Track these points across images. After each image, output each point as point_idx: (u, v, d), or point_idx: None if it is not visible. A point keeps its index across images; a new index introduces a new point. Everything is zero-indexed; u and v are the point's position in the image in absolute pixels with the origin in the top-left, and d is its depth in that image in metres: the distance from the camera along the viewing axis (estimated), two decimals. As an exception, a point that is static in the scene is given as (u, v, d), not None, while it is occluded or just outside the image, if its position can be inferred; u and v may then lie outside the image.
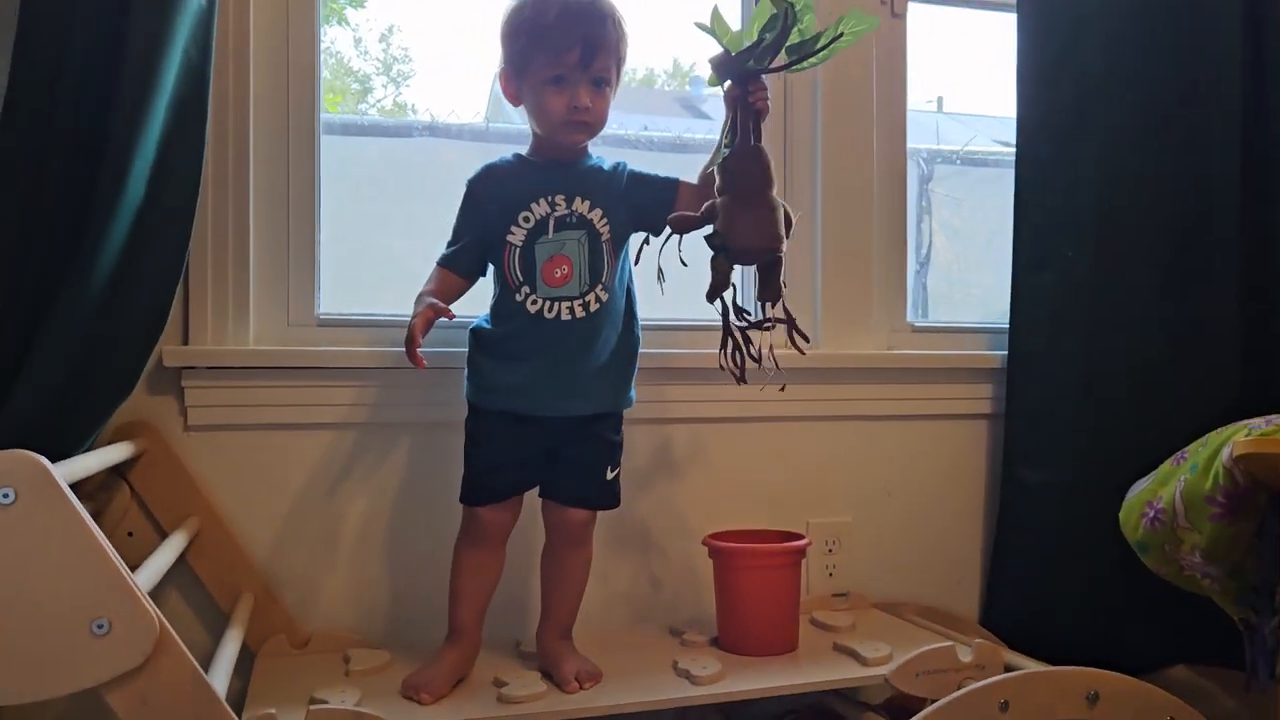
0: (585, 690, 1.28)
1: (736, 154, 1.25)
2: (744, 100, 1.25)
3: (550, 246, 1.33)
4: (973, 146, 2.13)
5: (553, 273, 1.32)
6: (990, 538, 1.78)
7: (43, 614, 0.89)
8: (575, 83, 1.30)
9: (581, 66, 1.30)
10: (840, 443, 1.73)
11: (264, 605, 1.43)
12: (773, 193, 1.25)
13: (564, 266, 1.33)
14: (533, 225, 1.34)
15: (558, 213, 1.34)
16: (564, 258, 1.33)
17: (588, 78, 1.31)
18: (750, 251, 1.24)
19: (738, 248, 1.23)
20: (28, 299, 1.20)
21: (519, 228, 1.34)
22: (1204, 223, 1.70)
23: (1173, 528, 1.42)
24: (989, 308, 1.88)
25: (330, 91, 1.74)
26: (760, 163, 1.25)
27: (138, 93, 1.20)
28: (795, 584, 1.46)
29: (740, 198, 1.24)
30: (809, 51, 1.24)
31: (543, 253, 1.33)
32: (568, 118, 1.31)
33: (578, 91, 1.30)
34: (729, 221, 1.24)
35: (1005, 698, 1.24)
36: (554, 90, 1.31)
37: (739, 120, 1.25)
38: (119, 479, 1.39)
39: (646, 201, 1.38)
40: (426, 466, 1.51)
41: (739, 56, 1.24)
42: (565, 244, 1.33)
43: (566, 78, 1.30)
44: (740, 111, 1.25)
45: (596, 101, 1.32)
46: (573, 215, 1.34)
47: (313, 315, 1.54)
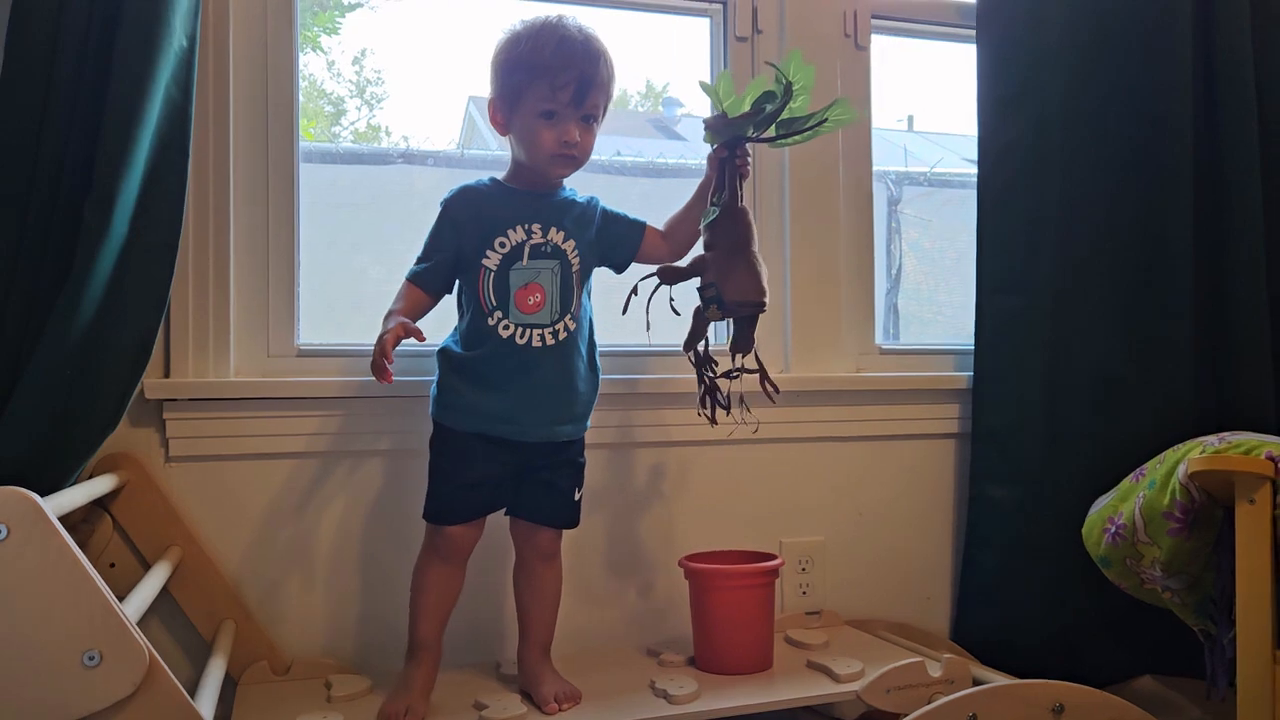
0: (564, 711, 1.31)
1: (726, 213, 1.35)
2: (731, 163, 1.36)
3: (525, 274, 1.36)
4: (940, 169, 2.18)
5: (526, 299, 1.35)
6: (959, 555, 1.82)
7: (35, 646, 0.90)
8: (566, 119, 1.34)
9: (574, 104, 1.34)
10: (812, 464, 1.77)
11: (245, 633, 1.45)
12: (757, 249, 1.36)
13: (537, 294, 1.36)
14: (508, 251, 1.36)
15: (533, 241, 1.37)
16: (538, 286, 1.36)
17: (578, 115, 1.35)
18: (743, 305, 1.33)
19: (731, 300, 1.33)
20: (14, 335, 1.22)
21: (494, 252, 1.36)
22: (1159, 249, 1.76)
23: (1133, 542, 1.46)
24: (959, 326, 1.92)
25: (303, 115, 1.77)
26: (745, 221, 1.36)
27: (122, 133, 1.22)
28: (769, 603, 1.49)
29: (732, 254, 1.34)
30: (795, 130, 1.36)
31: (517, 279, 1.36)
32: (557, 151, 1.35)
33: (568, 127, 1.34)
34: (722, 275, 1.33)
35: (973, 711, 1.27)
36: (545, 124, 1.34)
37: (727, 182, 1.36)
38: (101, 510, 1.41)
39: (615, 239, 1.45)
40: (407, 491, 1.52)
41: (735, 122, 1.34)
42: (540, 273, 1.36)
43: (558, 114, 1.34)
44: (727, 173, 1.36)
45: (585, 137, 1.36)
46: (547, 245, 1.37)
47: (292, 346, 1.56)
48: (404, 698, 1.30)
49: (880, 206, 1.94)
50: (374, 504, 1.52)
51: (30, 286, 1.23)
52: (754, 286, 1.33)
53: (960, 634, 1.79)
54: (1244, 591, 1.30)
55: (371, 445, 1.51)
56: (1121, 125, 1.75)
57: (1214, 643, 1.44)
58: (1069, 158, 1.74)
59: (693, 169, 1.90)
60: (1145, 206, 1.76)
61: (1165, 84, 1.76)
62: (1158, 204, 1.76)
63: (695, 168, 1.87)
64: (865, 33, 1.85)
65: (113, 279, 1.23)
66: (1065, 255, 1.74)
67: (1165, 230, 1.76)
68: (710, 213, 1.37)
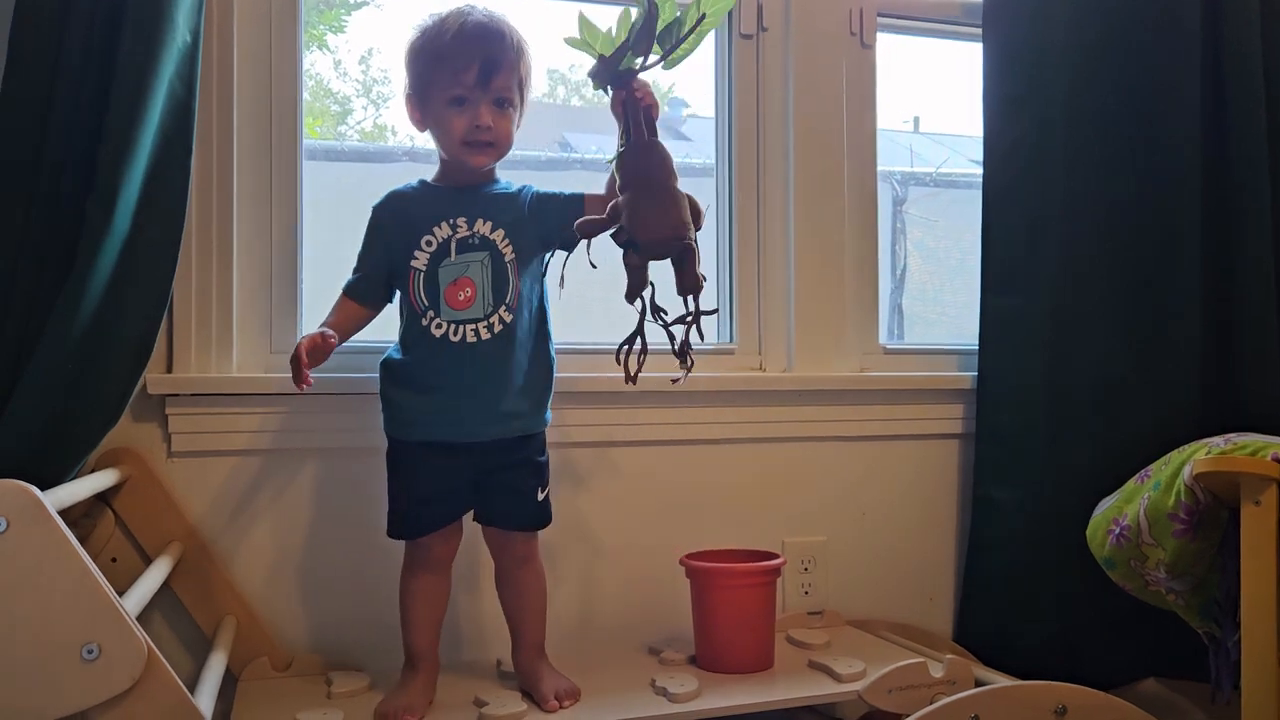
0: (565, 708, 1.30)
1: (632, 149, 1.24)
2: (630, 100, 1.25)
3: (454, 269, 1.34)
4: (946, 169, 2.17)
5: (456, 295, 1.33)
6: (962, 555, 1.82)
7: (35, 639, 0.91)
8: (476, 102, 1.32)
9: (481, 85, 1.31)
10: (815, 463, 1.76)
11: (246, 628, 1.45)
12: (676, 183, 1.24)
13: (467, 289, 1.33)
14: (435, 249, 1.34)
15: (459, 235, 1.35)
16: (467, 280, 1.33)
17: (488, 97, 1.32)
18: (657, 243, 1.21)
19: (644, 240, 1.20)
20: (17, 329, 1.22)
21: (422, 252, 1.35)
22: (1166, 247, 1.75)
23: (1138, 544, 1.45)
24: (963, 327, 1.91)
25: (310, 114, 1.77)
26: (657, 154, 1.24)
27: (125, 127, 1.22)
28: (770, 602, 1.48)
29: (642, 191, 1.22)
30: (678, 40, 1.24)
31: (446, 276, 1.34)
32: (469, 138, 1.33)
33: (478, 111, 1.32)
34: (633, 216, 1.21)
35: (975, 712, 1.27)
36: (455, 111, 1.32)
37: (630, 121, 1.26)
38: (103, 505, 1.41)
39: (554, 220, 1.37)
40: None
41: (613, 58, 1.24)
42: (469, 266, 1.34)
43: (467, 98, 1.32)
44: (629, 112, 1.26)
45: (499, 121, 1.34)
46: (474, 237, 1.34)
47: (295, 342, 1.54)
48: (404, 698, 1.29)
49: (885, 206, 1.94)
50: (377, 501, 1.51)
51: (33, 282, 1.23)
52: (667, 221, 1.20)
53: (963, 635, 1.79)
54: (1249, 593, 1.29)
55: (373, 442, 1.50)
56: (1127, 124, 1.75)
57: (1219, 645, 1.43)
58: (1073, 156, 1.74)
59: (699, 168, 1.90)
60: (1151, 205, 1.75)
61: (1172, 82, 1.75)
62: (1164, 203, 1.75)
63: (702, 167, 1.87)
64: (871, 30, 1.84)
65: (115, 275, 1.23)
66: (1069, 255, 1.73)
67: (1171, 229, 1.75)
68: (616, 155, 1.27)
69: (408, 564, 1.37)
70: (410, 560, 1.36)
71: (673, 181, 1.23)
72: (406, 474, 1.36)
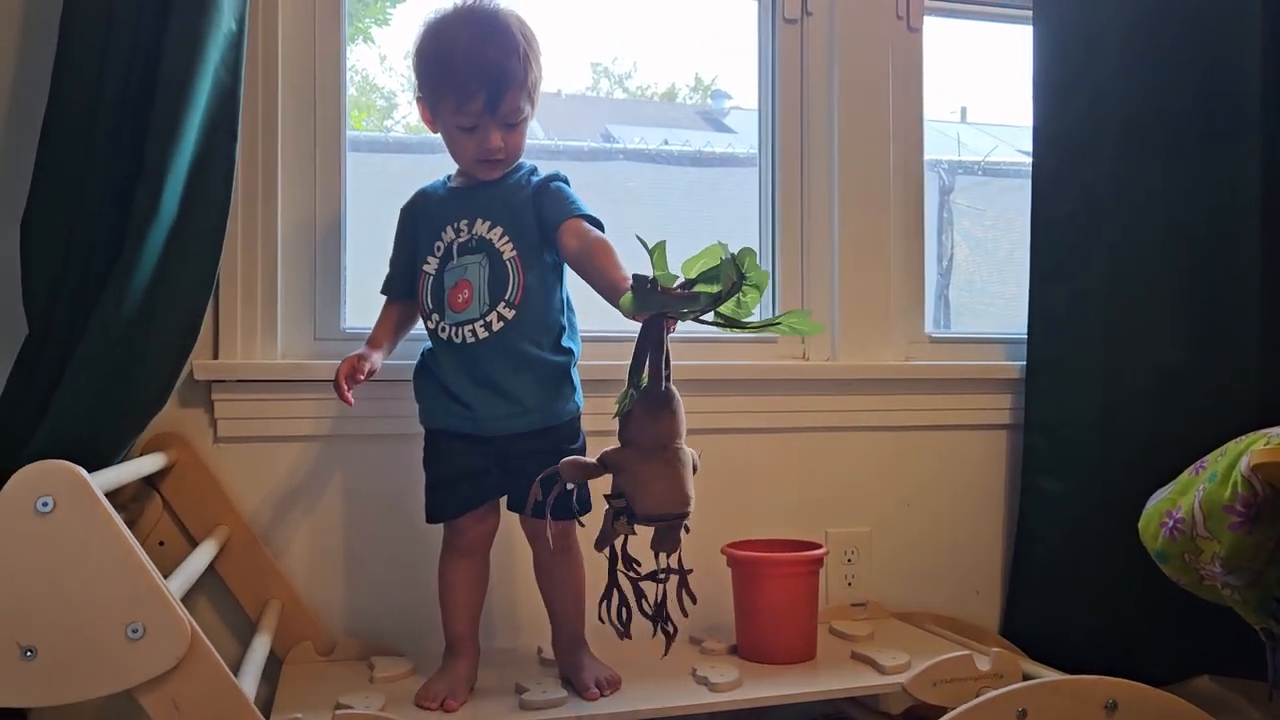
0: (605, 697, 1.30)
1: (644, 401, 1.11)
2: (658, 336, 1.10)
3: (455, 272, 1.34)
4: (995, 157, 2.14)
5: (456, 298, 1.33)
6: (1010, 548, 1.79)
7: (80, 618, 0.92)
8: (485, 128, 1.30)
9: (489, 112, 1.29)
10: (859, 453, 1.74)
11: (291, 613, 1.46)
12: (681, 443, 1.12)
13: (466, 291, 1.33)
14: (443, 253, 1.36)
15: (460, 238, 1.35)
16: (465, 282, 1.33)
17: (497, 122, 1.30)
18: (659, 518, 1.10)
19: (643, 514, 1.10)
20: (67, 316, 1.24)
21: (434, 257, 1.36)
22: (1222, 231, 1.70)
23: (1192, 537, 1.42)
24: (1011, 319, 1.88)
25: (356, 108, 1.78)
26: (670, 411, 1.11)
27: (171, 115, 1.24)
28: (813, 593, 1.47)
29: (649, 458, 1.10)
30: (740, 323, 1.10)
31: (449, 279, 1.34)
32: (479, 158, 1.33)
33: (487, 135, 1.30)
34: (634, 484, 1.10)
35: (1023, 706, 1.24)
36: (465, 135, 1.32)
37: (651, 359, 1.11)
38: (151, 490, 1.43)
39: (540, 214, 1.33)
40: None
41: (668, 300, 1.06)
42: (467, 268, 1.33)
43: (477, 126, 1.30)
44: (651, 349, 1.11)
45: (509, 139, 1.32)
46: (472, 239, 1.34)
47: (339, 329, 1.57)
48: (444, 683, 1.30)
49: (932, 196, 1.91)
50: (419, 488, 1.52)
51: (84, 267, 1.25)
52: (670, 498, 1.09)
53: (1010, 629, 1.76)
54: (1309, 588, 1.25)
55: (416, 429, 1.50)
56: (1182, 102, 1.70)
57: (1276, 642, 1.39)
58: (1126, 139, 1.70)
59: (741, 158, 1.89)
60: (1208, 188, 1.70)
61: (1230, 56, 1.69)
62: (1221, 184, 1.70)
63: (744, 156, 1.86)
64: (918, 14, 1.82)
65: (162, 260, 1.25)
66: (1122, 241, 1.69)
67: (1229, 212, 1.70)
68: (625, 398, 1.13)
69: (445, 549, 1.37)
70: (447, 545, 1.37)
71: (679, 440, 1.12)
72: (435, 458, 1.37)
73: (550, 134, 1.89)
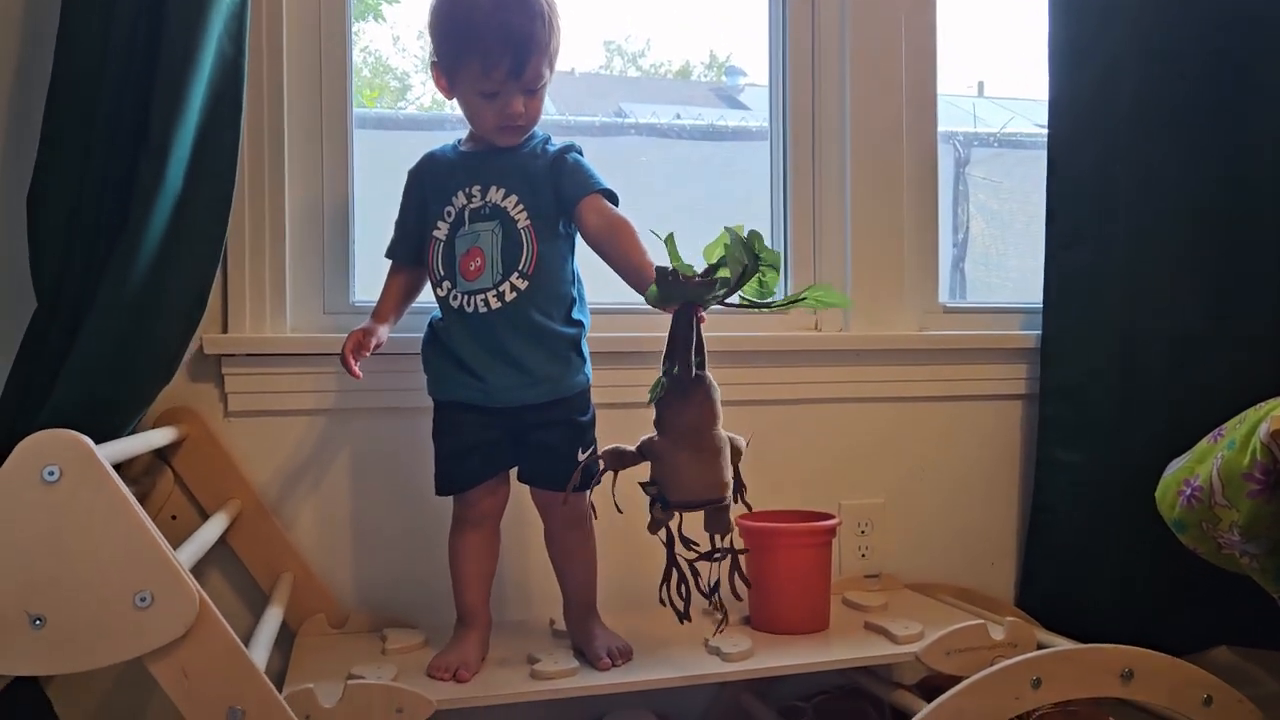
0: (617, 666, 1.30)
1: (677, 388, 1.14)
2: (686, 326, 1.13)
3: (467, 239, 1.32)
4: (1011, 128, 2.11)
5: (468, 265, 1.31)
6: (1025, 519, 1.77)
7: (88, 587, 0.92)
8: (507, 94, 1.28)
9: (513, 78, 1.27)
10: (872, 424, 1.73)
11: (303, 586, 1.47)
12: (717, 429, 1.15)
13: (478, 259, 1.31)
14: (453, 219, 1.33)
15: (473, 204, 1.33)
16: (478, 250, 1.31)
17: (519, 88, 1.29)
18: (691, 505, 1.14)
19: (676, 500, 1.13)
20: (75, 289, 1.24)
21: (443, 222, 1.34)
22: (1240, 198, 1.67)
23: (1210, 505, 1.40)
24: (1028, 292, 1.86)
25: (370, 89, 1.77)
26: (704, 397, 1.14)
27: (174, 86, 1.23)
28: (825, 563, 1.46)
29: (683, 444, 1.13)
30: (767, 304, 1.16)
31: (461, 246, 1.32)
32: (500, 124, 1.31)
33: (510, 101, 1.29)
34: (668, 471, 1.13)
35: (1037, 674, 1.23)
36: (485, 101, 1.29)
37: (680, 348, 1.14)
38: (163, 464, 1.44)
39: (560, 192, 1.32)
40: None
41: (691, 288, 1.11)
42: (480, 235, 1.31)
43: (499, 92, 1.29)
44: (682, 334, 1.14)
45: (530, 105, 1.31)
46: (486, 206, 1.32)
47: (348, 303, 1.57)
48: (456, 654, 1.30)
49: (948, 168, 1.89)
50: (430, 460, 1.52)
51: (91, 241, 1.25)
52: (704, 483, 1.13)
53: (1025, 601, 1.75)
54: (1328, 556, 1.24)
55: (426, 402, 1.50)
56: (1201, 65, 1.66)
57: (1295, 611, 1.38)
58: (1141, 106, 1.66)
59: (754, 132, 1.87)
60: (1225, 154, 1.67)
61: (1244, 23, 1.66)
62: (1239, 151, 1.67)
63: (757, 130, 1.84)
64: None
65: (168, 232, 1.24)
66: (1139, 208, 1.67)
67: (1250, 176, 1.67)
68: (657, 386, 1.15)
69: (455, 521, 1.37)
70: (457, 517, 1.37)
71: (715, 427, 1.15)
72: (446, 430, 1.36)
73: (563, 111, 1.88)
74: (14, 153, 1.38)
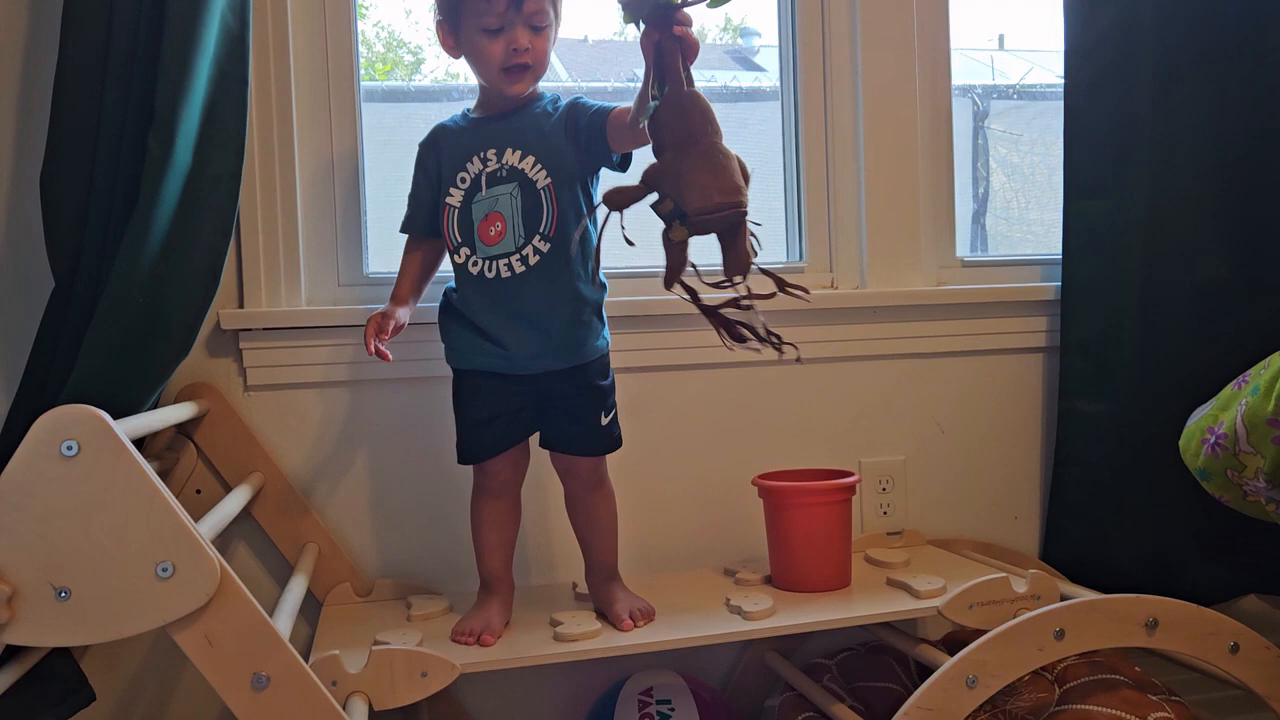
0: (639, 627, 1.31)
1: (672, 102, 1.06)
2: (668, 40, 1.06)
3: (485, 204, 1.31)
4: (1030, 79, 2.07)
5: (488, 230, 1.30)
6: (1048, 472, 1.76)
7: (109, 559, 0.93)
8: (511, 26, 1.27)
9: (515, 8, 1.26)
10: (891, 381, 1.72)
11: (328, 556, 1.48)
12: (722, 140, 1.06)
13: (498, 223, 1.30)
14: (468, 185, 1.32)
15: (489, 168, 1.31)
16: (497, 214, 1.30)
17: (522, 20, 1.27)
18: (711, 212, 1.02)
19: (695, 210, 1.02)
20: (91, 267, 1.25)
21: (457, 189, 1.32)
22: (1263, 145, 1.64)
23: (1235, 453, 1.38)
24: (1050, 245, 1.83)
25: (383, 63, 1.77)
26: (699, 107, 1.06)
27: (179, 63, 1.23)
28: (845, 521, 1.46)
29: (687, 152, 1.04)
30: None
31: (479, 212, 1.31)
32: (507, 62, 1.28)
33: (514, 35, 1.27)
34: (678, 181, 1.03)
35: (1060, 626, 1.23)
36: (489, 38, 1.27)
37: (665, 64, 1.07)
38: (185, 439, 1.45)
39: (584, 132, 1.29)
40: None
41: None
42: (499, 200, 1.30)
43: (501, 25, 1.27)
44: (666, 55, 1.07)
45: (535, 42, 1.28)
46: (503, 169, 1.31)
47: (362, 274, 1.58)
48: (479, 619, 1.31)
49: (966, 122, 1.86)
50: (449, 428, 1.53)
51: (104, 219, 1.26)
52: (719, 185, 1.02)
53: (1050, 554, 1.74)
54: (1355, 499, 1.22)
55: (445, 371, 1.51)
56: (1218, 12, 1.62)
57: (1323, 556, 1.36)
58: (1163, 48, 1.63)
59: (767, 92, 1.84)
60: (1248, 100, 1.63)
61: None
62: (1262, 96, 1.63)
63: (771, 90, 1.82)
64: (943, -69, 1.75)
65: (179, 208, 1.25)
66: (1161, 155, 1.63)
67: (1270, 125, 1.63)
68: (649, 109, 1.08)
69: (476, 489, 1.38)
70: (478, 485, 1.37)
71: (719, 139, 1.06)
72: (466, 399, 1.36)
73: (576, 78, 1.86)
74: (25, 136, 1.39)
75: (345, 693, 1.13)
